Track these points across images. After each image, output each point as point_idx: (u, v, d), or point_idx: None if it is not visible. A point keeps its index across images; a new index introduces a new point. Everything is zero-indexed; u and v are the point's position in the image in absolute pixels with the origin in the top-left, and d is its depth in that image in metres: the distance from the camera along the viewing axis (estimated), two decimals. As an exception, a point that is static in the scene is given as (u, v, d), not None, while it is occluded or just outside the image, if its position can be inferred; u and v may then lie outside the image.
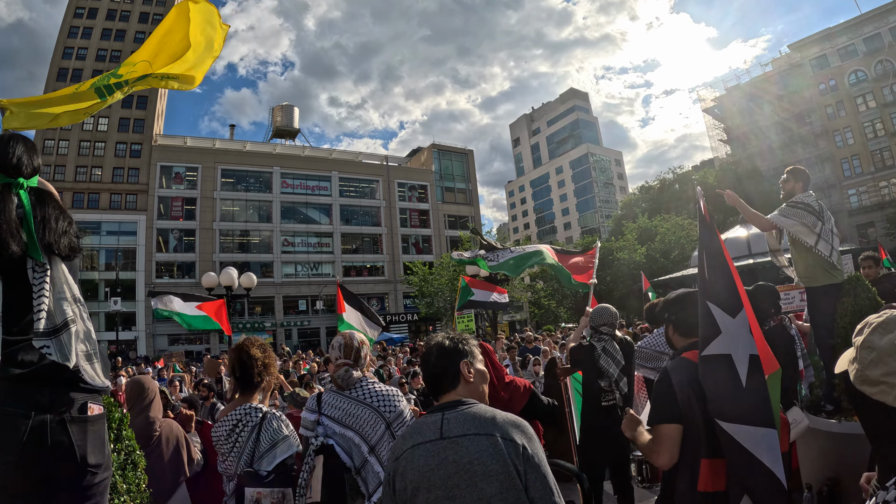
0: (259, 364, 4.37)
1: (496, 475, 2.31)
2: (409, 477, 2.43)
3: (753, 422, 3.12)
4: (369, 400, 3.98)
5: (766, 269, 20.94)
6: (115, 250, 59.09)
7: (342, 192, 69.65)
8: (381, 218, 71.19)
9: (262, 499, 4.08)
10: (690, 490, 3.28)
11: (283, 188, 66.72)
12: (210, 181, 63.03)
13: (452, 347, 2.70)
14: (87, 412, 2.58)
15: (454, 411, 2.51)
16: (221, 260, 60.05)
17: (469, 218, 77.10)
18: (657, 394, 3.46)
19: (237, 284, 17.90)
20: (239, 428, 4.22)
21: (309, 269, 66.88)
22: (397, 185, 73.36)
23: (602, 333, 6.04)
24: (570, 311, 57.98)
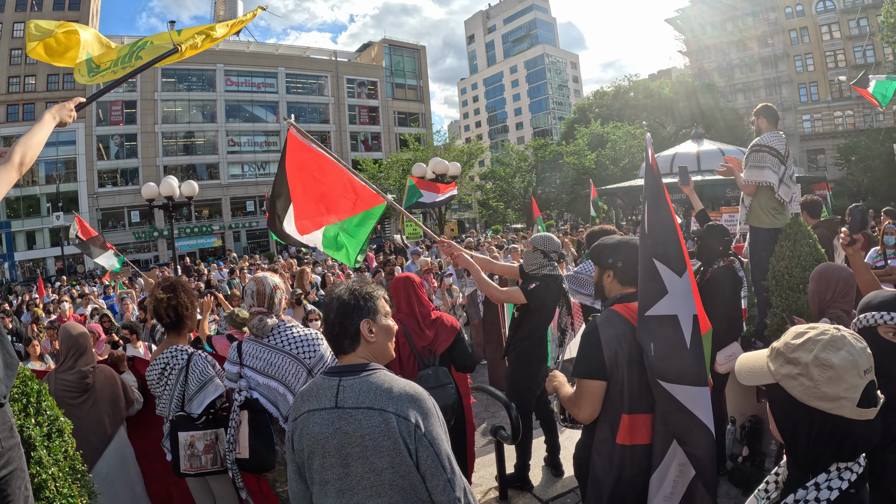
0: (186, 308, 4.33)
1: (387, 450, 2.33)
2: (305, 441, 2.45)
3: (693, 382, 3.11)
4: (288, 347, 3.93)
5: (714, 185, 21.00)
6: (54, 162, 57.16)
7: (289, 88, 68.07)
8: (329, 115, 69.99)
9: (195, 442, 4.09)
10: (609, 441, 3.30)
11: (228, 86, 64.73)
12: (150, 82, 60.51)
13: (353, 304, 2.57)
14: None
15: (352, 378, 2.47)
16: (165, 164, 59.14)
17: (419, 115, 76.25)
18: (584, 347, 3.38)
19: (178, 193, 17.59)
20: (167, 371, 4.21)
21: (256, 169, 65.93)
22: (346, 81, 71.84)
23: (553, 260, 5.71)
24: (519, 212, 58.19)
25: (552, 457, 6.21)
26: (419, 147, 50.23)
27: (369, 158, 56.70)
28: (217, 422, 4.22)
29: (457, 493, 2.41)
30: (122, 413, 4.66)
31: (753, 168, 6.09)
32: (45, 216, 55.70)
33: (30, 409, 3.10)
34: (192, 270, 24.85)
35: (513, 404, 5.04)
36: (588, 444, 3.45)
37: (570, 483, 5.89)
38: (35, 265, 55.92)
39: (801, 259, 5.67)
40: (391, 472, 2.35)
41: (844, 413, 1.71)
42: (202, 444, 4.13)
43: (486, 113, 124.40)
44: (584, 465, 3.50)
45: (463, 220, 65.80)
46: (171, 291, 4.32)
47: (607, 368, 3.25)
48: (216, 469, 4.21)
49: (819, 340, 1.79)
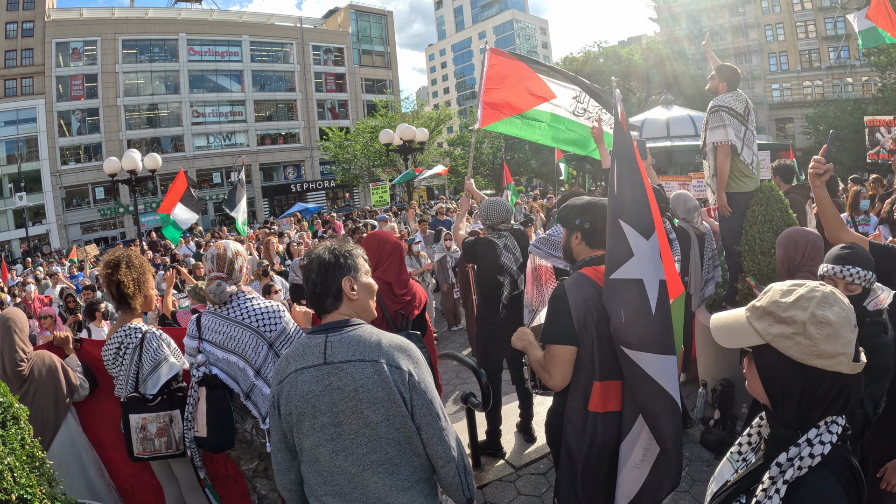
0: (131, 283, 4.21)
1: (381, 402, 2.33)
2: (294, 402, 2.40)
3: (658, 349, 3.05)
4: (248, 320, 3.81)
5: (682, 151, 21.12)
6: (14, 141, 55.21)
7: (254, 57, 66.61)
8: (295, 83, 68.77)
9: (147, 424, 4.02)
10: (581, 408, 3.25)
11: (191, 56, 63.11)
12: (111, 54, 58.70)
13: (333, 262, 2.57)
14: None
15: (338, 333, 2.45)
16: (129, 138, 57.74)
17: (387, 82, 75.27)
18: (552, 311, 3.30)
19: (141, 167, 17.51)
20: (122, 350, 4.12)
21: (222, 140, 64.75)
22: (312, 48, 70.42)
23: (500, 230, 5.77)
24: (488, 178, 58.03)
25: (525, 423, 6.22)
26: (387, 114, 49.58)
27: (336, 126, 55.70)
28: (172, 403, 4.11)
29: (451, 443, 2.44)
30: (65, 400, 4.44)
31: (714, 129, 6.03)
32: (7, 197, 54.13)
33: None
34: (159, 245, 24.60)
35: (482, 370, 5.01)
36: (559, 412, 3.40)
37: (542, 449, 5.91)
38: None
39: (774, 224, 5.72)
40: (386, 426, 2.36)
41: (842, 369, 1.70)
42: (154, 427, 4.03)
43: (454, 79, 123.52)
44: (556, 433, 3.45)
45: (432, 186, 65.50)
46: (112, 267, 4.20)
47: (577, 333, 3.18)
48: (171, 453, 4.12)
49: (812, 297, 1.77)
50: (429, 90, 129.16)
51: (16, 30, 55.38)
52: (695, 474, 5.16)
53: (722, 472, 2.05)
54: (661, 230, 3.26)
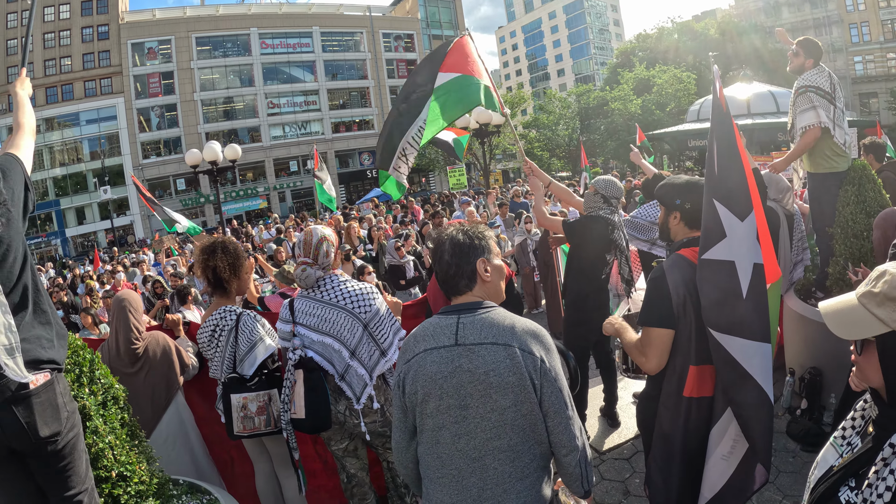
0: (227, 267, 4.29)
1: (511, 387, 2.30)
2: (420, 382, 2.40)
3: (749, 335, 2.97)
4: (342, 302, 3.84)
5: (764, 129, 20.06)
6: (97, 138, 58.45)
7: (325, 47, 67.47)
8: (367, 71, 69.34)
9: (248, 403, 4.10)
10: (676, 394, 3.21)
11: (263, 49, 64.61)
12: (185, 52, 60.97)
13: (468, 243, 2.53)
14: (28, 387, 2.47)
15: (471, 315, 2.43)
16: (207, 130, 59.69)
17: (459, 66, 74.29)
18: (651, 293, 3.26)
19: (222, 157, 17.95)
20: (217, 332, 4.21)
21: (297, 129, 66.13)
22: (382, 35, 70.86)
23: (613, 206, 5.65)
24: (563, 160, 56.99)
25: (609, 407, 6.13)
26: (461, 98, 49.08)
27: (411, 112, 55.42)
28: (270, 382, 4.20)
29: (576, 432, 2.40)
30: (178, 379, 4.62)
31: (804, 112, 5.74)
32: (92, 191, 57.27)
33: (83, 379, 3.16)
34: (241, 233, 25.18)
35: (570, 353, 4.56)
36: (653, 396, 3.38)
37: (626, 434, 5.87)
38: (86, 239, 57.72)
39: (867, 205, 5.48)
40: (513, 411, 2.32)
41: None
42: (255, 406, 4.12)
43: (525, 61, 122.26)
44: (649, 419, 3.43)
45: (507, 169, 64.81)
46: (208, 253, 4.30)
47: (675, 316, 3.12)
48: (270, 430, 4.19)
49: None
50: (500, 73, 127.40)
51: (92, 33, 58.34)
52: (780, 465, 4.97)
53: (825, 457, 1.96)
54: (760, 212, 3.15)
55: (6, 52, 57.14)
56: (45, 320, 2.62)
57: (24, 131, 2.86)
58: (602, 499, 4.93)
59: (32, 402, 2.48)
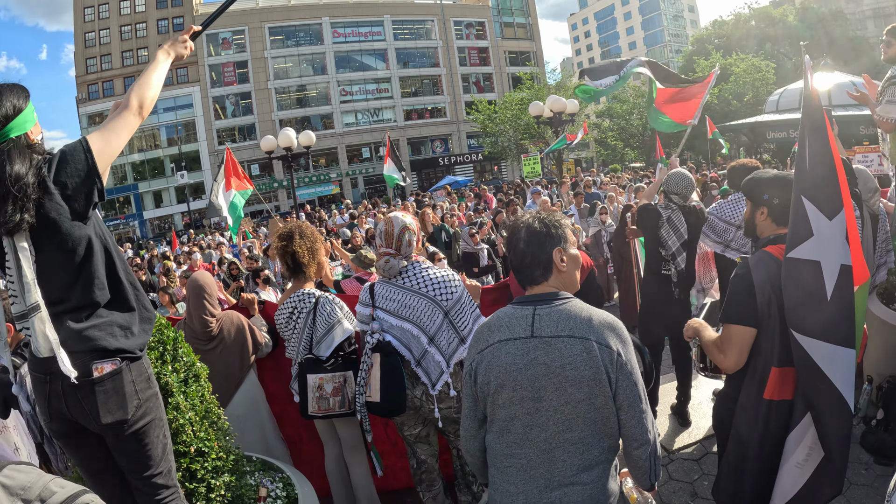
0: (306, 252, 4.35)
1: (587, 381, 2.28)
2: (494, 373, 2.38)
3: (832, 339, 2.85)
4: (424, 289, 3.81)
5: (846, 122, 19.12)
6: (174, 125, 61.26)
7: (396, 35, 68.12)
8: (438, 58, 69.61)
9: (324, 384, 4.15)
10: (756, 395, 3.12)
11: (335, 38, 65.77)
12: (259, 42, 62.99)
13: (544, 232, 2.48)
14: (90, 374, 2.49)
15: (547, 306, 2.39)
16: (281, 118, 61.28)
17: (531, 54, 74.35)
18: (735, 290, 3.16)
19: (297, 143, 18.23)
20: (295, 315, 4.28)
21: (370, 117, 67.11)
22: (453, 23, 70.91)
23: (671, 201, 5.58)
24: (638, 150, 55.55)
25: (681, 406, 5.99)
26: (534, 86, 48.54)
27: (484, 99, 55.51)
28: (346, 364, 4.24)
29: (648, 426, 2.37)
30: (251, 357, 4.72)
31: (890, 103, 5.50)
32: (169, 176, 60.17)
33: (166, 357, 3.24)
34: (314, 218, 25.71)
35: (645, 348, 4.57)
36: (732, 397, 3.29)
37: (696, 434, 5.74)
38: (162, 221, 60.52)
39: None
40: (587, 405, 2.30)
41: None
42: (330, 387, 4.16)
43: (598, 49, 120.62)
44: (725, 420, 3.35)
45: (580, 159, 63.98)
46: (286, 239, 4.37)
47: (759, 314, 3.03)
48: (343, 412, 4.23)
49: None
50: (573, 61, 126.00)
51: (167, 25, 61.45)
52: (852, 476, 4.73)
53: None
54: (850, 210, 2.99)
55: (84, 43, 61.03)
56: (126, 307, 2.66)
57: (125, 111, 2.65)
58: (669, 499, 4.86)
59: (95, 389, 2.51)
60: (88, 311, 2.52)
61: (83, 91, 61.45)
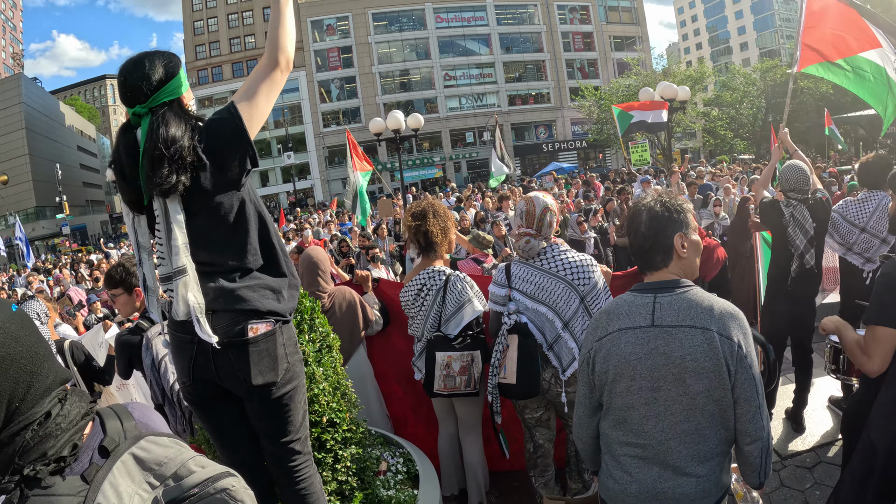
0: (439, 231, 4.36)
1: (706, 373, 2.24)
2: (612, 361, 2.38)
3: None
4: (562, 272, 3.79)
5: None
6: (280, 108, 63.07)
7: (499, 20, 68.03)
8: (542, 44, 69.06)
9: (452, 362, 4.13)
10: (893, 401, 2.93)
11: (438, 23, 66.48)
12: (362, 27, 64.52)
13: (666, 216, 2.42)
14: (246, 334, 2.50)
15: (668, 294, 2.35)
16: (385, 101, 62.36)
17: (636, 39, 72.69)
18: (883, 289, 2.99)
19: (405, 126, 18.61)
20: (424, 292, 4.27)
21: (473, 101, 67.56)
22: (557, 7, 69.98)
23: (790, 199, 5.28)
24: (747, 141, 53.05)
25: (796, 410, 5.68)
26: (641, 72, 47.49)
27: (590, 85, 54.48)
28: (473, 343, 4.21)
29: (763, 422, 2.30)
30: (361, 333, 4.75)
31: None
32: (276, 156, 62.71)
33: (303, 326, 3.31)
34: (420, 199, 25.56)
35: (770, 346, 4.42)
36: (866, 401, 3.16)
37: (810, 441, 5.47)
38: (268, 200, 62.21)
39: None
40: (705, 397, 2.26)
41: None
42: (458, 365, 4.14)
43: (706, 33, 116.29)
44: (856, 424, 3.23)
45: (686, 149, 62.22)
46: (420, 218, 4.38)
47: None
48: (468, 391, 4.21)
49: None
50: (679, 46, 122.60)
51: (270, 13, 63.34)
52: None
53: None
54: None
55: (193, 31, 64.72)
56: (277, 272, 2.66)
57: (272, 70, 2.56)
58: (779, 506, 4.71)
59: (249, 349, 2.51)
60: (241, 274, 2.54)
61: (193, 76, 64.48)
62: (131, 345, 3.94)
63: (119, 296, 4.21)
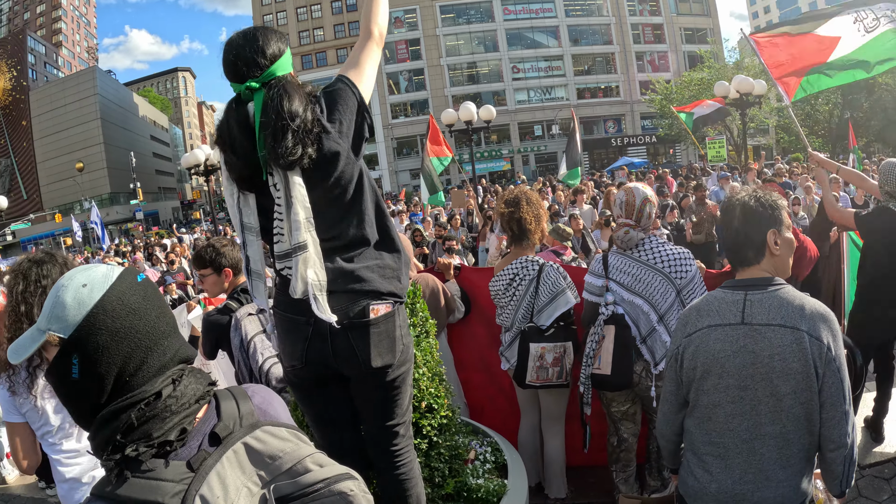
0: (532, 218, 4.33)
1: (794, 374, 2.21)
2: (701, 358, 2.36)
3: None
4: (660, 264, 3.78)
5: None
6: None
7: (567, 11, 67.44)
8: (611, 35, 68.21)
9: (545, 353, 4.11)
10: None
11: (506, 15, 66.37)
12: (430, 20, 65.04)
13: (760, 211, 2.41)
14: (367, 315, 2.46)
15: (760, 292, 2.32)
16: (453, 94, 62.63)
17: (707, 31, 70.69)
18: None
19: (477, 118, 18.53)
20: (516, 281, 4.25)
21: (542, 94, 67.32)
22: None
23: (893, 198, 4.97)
24: (822, 139, 50.43)
25: (876, 419, 5.48)
26: (714, 65, 46.47)
27: (661, 78, 53.47)
28: (566, 334, 4.19)
29: (848, 429, 2.26)
30: (444, 320, 4.76)
31: None
32: None
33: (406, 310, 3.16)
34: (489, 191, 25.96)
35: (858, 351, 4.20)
36: None
37: (888, 451, 5.31)
38: None
39: None
40: (791, 398, 2.23)
41: None
42: (551, 357, 4.13)
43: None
44: None
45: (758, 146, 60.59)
46: (513, 205, 4.36)
47: None
48: (559, 383, 4.20)
49: None
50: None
51: (341, 6, 66.56)
52: None
53: None
54: None
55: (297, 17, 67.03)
56: (393, 247, 2.62)
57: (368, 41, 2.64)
58: (855, 517, 4.58)
59: (370, 331, 2.47)
60: (359, 250, 2.50)
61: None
62: (220, 325, 3.93)
63: (208, 276, 4.23)
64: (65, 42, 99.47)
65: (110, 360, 1.21)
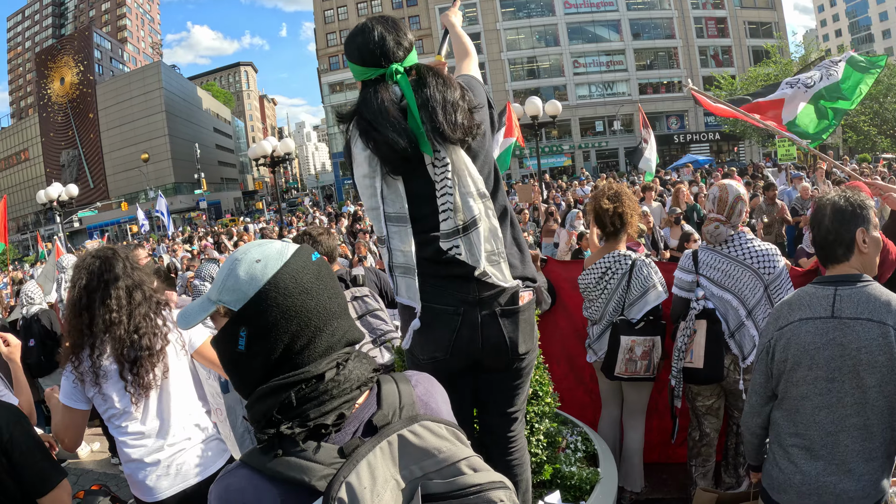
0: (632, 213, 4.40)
1: (879, 367, 2.27)
2: (792, 350, 2.45)
3: None
4: (749, 260, 3.86)
5: None
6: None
7: (629, 5, 66.66)
8: (674, 30, 67.06)
9: (635, 346, 4.18)
10: None
11: (567, 9, 65.83)
12: (490, 14, 64.82)
13: (850, 211, 2.49)
14: (517, 303, 2.48)
15: (849, 287, 2.41)
16: (513, 88, 62.62)
17: (772, 25, 69.37)
18: None
19: (542, 112, 18.47)
20: (608, 275, 4.32)
21: (603, 89, 66.72)
22: (689, -9, 67.82)
23: None
24: (891, 139, 48.44)
25: None
26: (780, 60, 45.55)
27: (726, 73, 52.88)
28: (654, 329, 4.26)
29: None
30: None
31: None
32: None
33: None
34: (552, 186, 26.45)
35: None
36: None
37: None
38: None
39: None
40: (876, 391, 2.30)
41: None
42: (640, 350, 4.19)
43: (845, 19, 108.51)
44: None
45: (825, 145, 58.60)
46: (616, 200, 4.41)
47: None
48: (647, 376, 4.28)
49: None
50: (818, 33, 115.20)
51: (402, 2, 66.97)
52: None
53: None
54: None
55: (324, 20, 68.20)
56: (517, 236, 2.63)
57: (470, 56, 2.91)
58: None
59: (519, 318, 2.49)
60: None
61: (324, 63, 67.81)
62: None
63: None
64: (129, 38, 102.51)
65: (277, 336, 1.23)
